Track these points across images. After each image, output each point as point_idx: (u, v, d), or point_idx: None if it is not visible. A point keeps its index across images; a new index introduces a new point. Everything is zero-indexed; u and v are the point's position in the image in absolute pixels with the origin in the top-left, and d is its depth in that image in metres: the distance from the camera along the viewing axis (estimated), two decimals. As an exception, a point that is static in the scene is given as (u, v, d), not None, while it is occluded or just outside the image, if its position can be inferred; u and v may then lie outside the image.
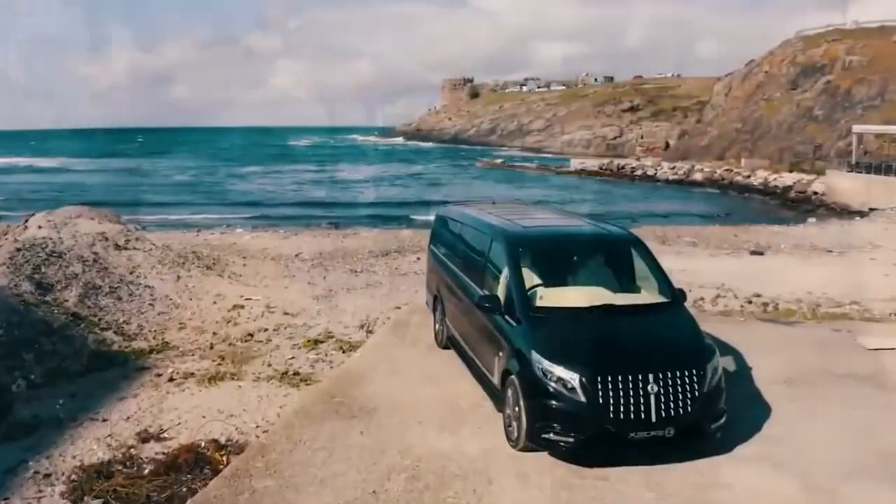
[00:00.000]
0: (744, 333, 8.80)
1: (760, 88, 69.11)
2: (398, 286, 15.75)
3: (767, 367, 7.40)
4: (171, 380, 9.72)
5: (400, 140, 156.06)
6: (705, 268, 18.30)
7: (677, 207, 42.47)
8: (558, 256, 6.89)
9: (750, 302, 13.13)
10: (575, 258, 6.87)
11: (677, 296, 6.39)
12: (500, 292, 6.37)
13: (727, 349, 7.77)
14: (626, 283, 6.80)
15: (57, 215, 21.18)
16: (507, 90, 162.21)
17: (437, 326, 8.85)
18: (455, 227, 8.63)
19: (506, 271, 6.38)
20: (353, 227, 28.75)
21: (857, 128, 47.33)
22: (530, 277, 6.44)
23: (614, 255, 7.03)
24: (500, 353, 6.02)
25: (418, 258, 20.19)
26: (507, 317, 6.08)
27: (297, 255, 20.53)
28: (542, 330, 5.76)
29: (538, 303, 6.12)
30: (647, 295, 6.55)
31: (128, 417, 8.51)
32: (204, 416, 8.33)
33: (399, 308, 13.46)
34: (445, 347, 8.40)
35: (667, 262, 18.12)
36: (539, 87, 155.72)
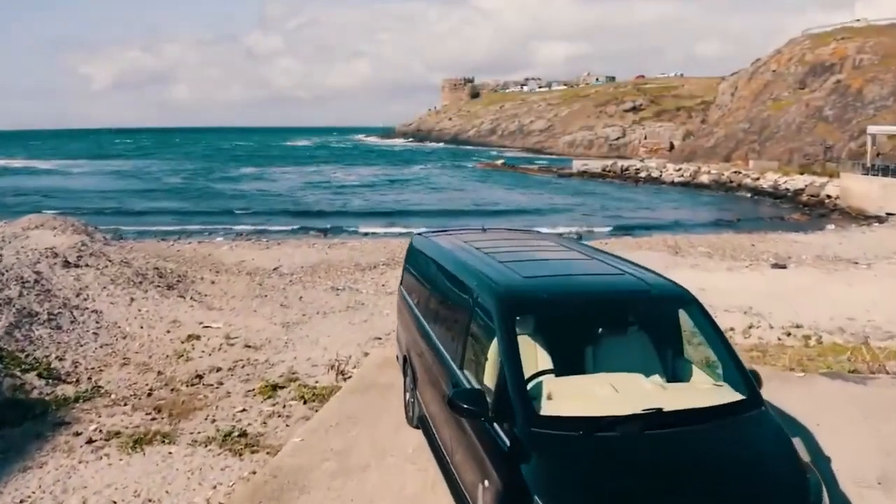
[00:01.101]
0: (807, 397, 6.89)
1: (768, 88, 67.24)
2: (382, 309, 13.91)
3: (850, 455, 5.52)
4: (89, 441, 7.90)
5: (400, 141, 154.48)
6: (726, 285, 16.48)
7: (686, 212, 40.58)
8: (576, 324, 4.70)
9: (788, 334, 11.28)
10: (600, 328, 4.67)
11: (754, 387, 4.20)
12: (488, 379, 4.28)
13: (793, 425, 5.90)
14: (674, 364, 4.69)
15: (12, 226, 19.41)
16: (507, 90, 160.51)
17: (407, 396, 6.65)
18: (430, 266, 6.32)
19: (495, 347, 4.28)
20: (342, 236, 26.93)
21: (871, 128, 45.46)
22: (533, 357, 4.36)
23: (656, 321, 4.85)
24: (486, 483, 3.90)
25: (408, 273, 18.42)
26: (496, 425, 3.97)
27: (275, 269, 18.72)
28: (551, 459, 3.62)
29: (545, 406, 3.96)
30: (707, 386, 4.36)
31: (21, 501, 6.71)
32: (114, 502, 6.53)
33: (380, 339, 11.67)
34: (417, 427, 6.28)
35: (683, 277, 16.19)
36: (540, 87, 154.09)
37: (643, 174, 60.38)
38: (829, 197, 43.09)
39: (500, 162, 79.91)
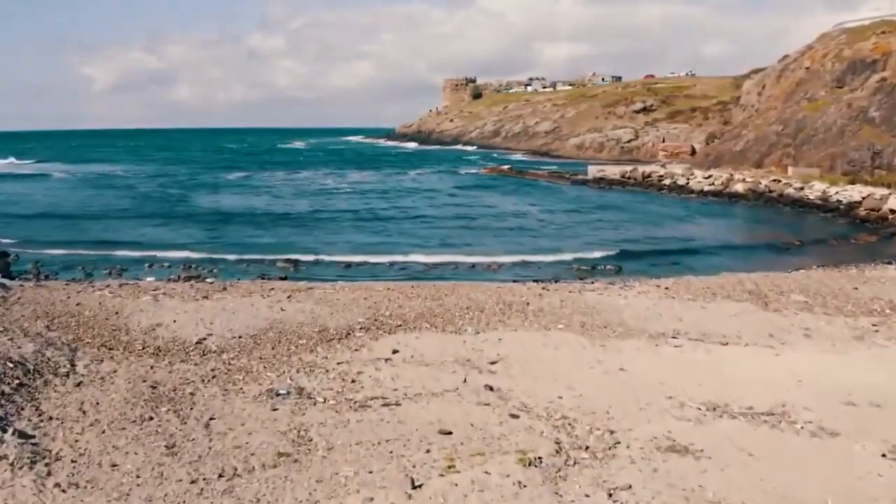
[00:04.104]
0: None
1: (801, 86, 61.26)
2: (339, 463, 7.89)
3: None
4: None
5: (400, 143, 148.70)
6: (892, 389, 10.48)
7: (733, 232, 34.50)
8: None
9: None
10: None
11: None
12: None
13: None
14: None
15: None
16: (511, 90, 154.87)
17: None
18: None
19: None
20: (310, 278, 20.64)
21: (939, 132, 39.42)
22: None
23: None
24: None
25: (395, 351, 12.41)
26: None
27: (198, 343, 12.72)
28: None
29: None
30: None
31: None
32: None
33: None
34: None
35: (812, 366, 9.87)
36: (544, 87, 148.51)
37: (667, 181, 54.30)
38: (892, 212, 37.12)
39: (506, 167, 73.74)
